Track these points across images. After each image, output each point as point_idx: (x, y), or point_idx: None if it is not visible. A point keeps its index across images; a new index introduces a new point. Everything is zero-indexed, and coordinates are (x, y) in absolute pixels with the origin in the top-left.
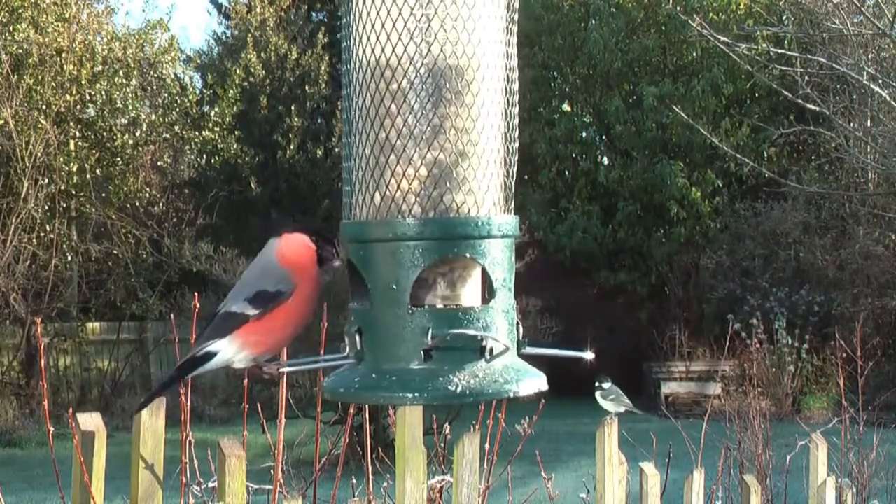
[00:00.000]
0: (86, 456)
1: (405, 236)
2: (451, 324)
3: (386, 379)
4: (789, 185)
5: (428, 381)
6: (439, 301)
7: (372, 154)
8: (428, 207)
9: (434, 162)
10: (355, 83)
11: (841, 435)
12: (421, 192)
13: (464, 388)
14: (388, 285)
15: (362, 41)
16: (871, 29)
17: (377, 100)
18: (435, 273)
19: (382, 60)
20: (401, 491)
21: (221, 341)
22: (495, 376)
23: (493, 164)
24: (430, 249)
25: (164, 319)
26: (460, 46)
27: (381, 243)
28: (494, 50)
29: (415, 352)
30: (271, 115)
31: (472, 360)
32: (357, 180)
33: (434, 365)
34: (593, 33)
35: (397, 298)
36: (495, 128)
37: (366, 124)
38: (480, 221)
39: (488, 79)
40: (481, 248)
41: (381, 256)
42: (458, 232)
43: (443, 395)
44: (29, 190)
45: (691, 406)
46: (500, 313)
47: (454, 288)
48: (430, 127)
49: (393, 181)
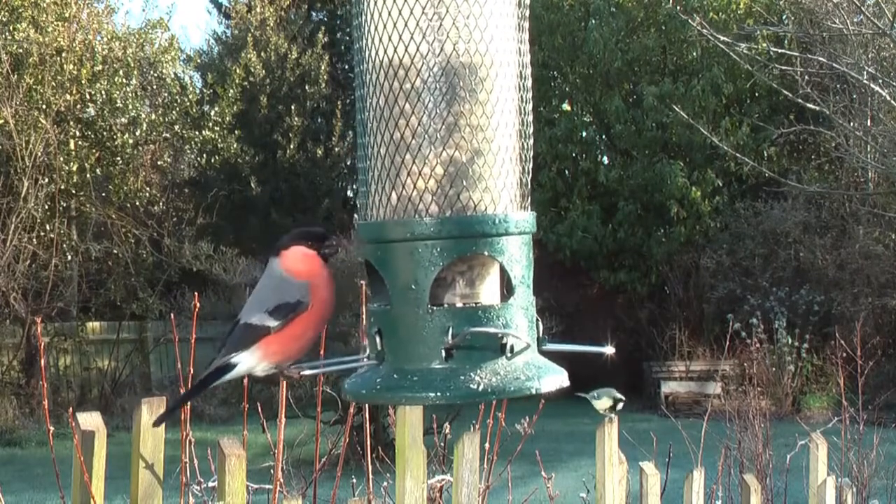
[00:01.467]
0: (86, 455)
1: (423, 235)
2: (471, 322)
3: (408, 379)
4: (789, 184)
5: (450, 380)
6: (459, 300)
7: (387, 154)
8: (445, 206)
9: (450, 160)
10: (368, 84)
11: (841, 434)
12: (437, 191)
13: (486, 386)
14: (407, 285)
15: (375, 41)
16: (871, 28)
17: (391, 100)
18: (454, 272)
19: (395, 60)
20: (401, 491)
21: (243, 353)
22: (517, 373)
23: (508, 161)
24: (448, 248)
25: (164, 319)
26: (473, 44)
27: (398, 243)
28: (507, 47)
29: (435, 351)
30: (271, 114)
31: (493, 358)
32: (373, 181)
33: (455, 364)
34: (593, 33)
35: (417, 298)
36: (510, 125)
37: (380, 125)
38: (497, 219)
39: (502, 76)
40: (499, 245)
41: (400, 256)
42: (476, 230)
43: (465, 394)
44: (29, 189)
45: (691, 405)
46: (520, 310)
47: (473, 286)
48: (445, 125)
49: (409, 181)
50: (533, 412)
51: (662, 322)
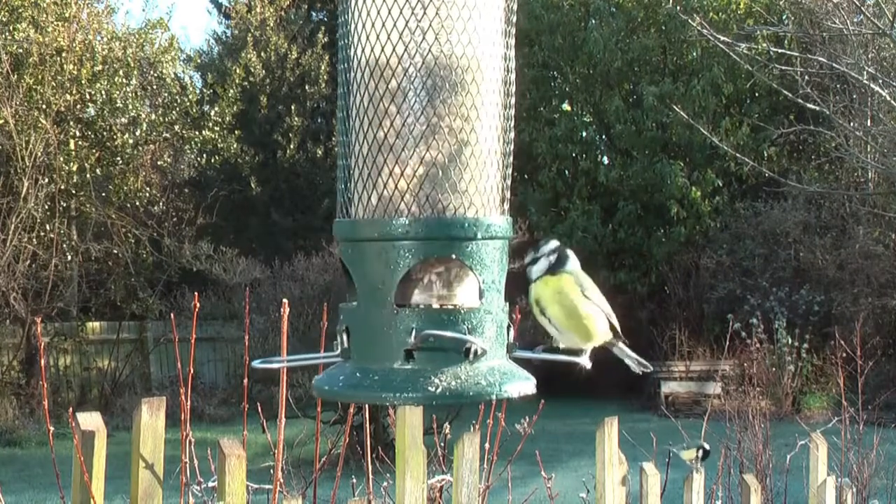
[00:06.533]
0: (86, 455)
1: (392, 236)
2: (435, 325)
3: (368, 378)
4: (789, 184)
5: (409, 382)
6: (435, 300)
7: (369, 153)
8: (419, 208)
9: (429, 162)
10: (351, 82)
11: (841, 434)
12: (416, 192)
13: (444, 388)
14: (374, 285)
15: (359, 40)
16: (871, 28)
17: (375, 99)
18: (431, 272)
19: (380, 60)
20: (401, 490)
21: None
22: (478, 378)
23: (488, 164)
24: (417, 250)
25: (164, 319)
26: (457, 46)
27: (369, 242)
28: (491, 50)
29: (398, 351)
30: (271, 114)
31: (456, 362)
32: (353, 179)
33: (417, 365)
34: (593, 33)
35: (383, 298)
36: (492, 128)
37: (362, 123)
38: (468, 223)
39: (485, 79)
40: (468, 249)
41: (369, 256)
42: (445, 233)
43: (423, 396)
44: (29, 189)
45: (691, 405)
46: (488, 315)
47: (451, 287)
48: (424, 127)
49: (390, 181)
50: (533, 412)
51: (662, 322)
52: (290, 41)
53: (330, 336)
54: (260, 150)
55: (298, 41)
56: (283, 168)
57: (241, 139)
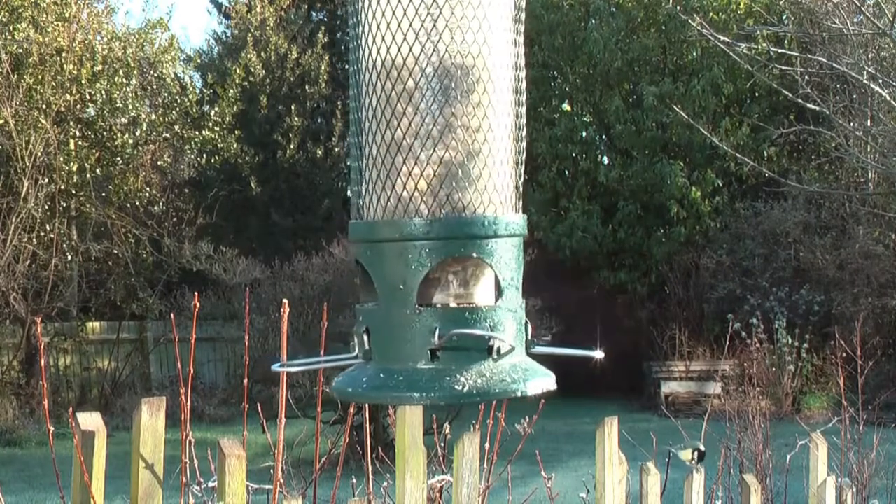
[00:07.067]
0: (86, 456)
1: (411, 236)
2: (458, 324)
3: (393, 379)
4: (789, 184)
5: (435, 381)
6: (452, 300)
7: (387, 154)
8: (437, 207)
9: (443, 161)
10: (363, 84)
11: (841, 434)
12: (430, 192)
13: (470, 387)
14: (395, 285)
15: (373, 42)
16: (871, 28)
17: (387, 100)
18: (448, 272)
19: (391, 61)
20: (401, 491)
21: None
22: (502, 375)
23: (502, 163)
24: (437, 249)
25: (164, 319)
26: (468, 46)
27: (388, 243)
28: (502, 49)
29: (422, 351)
30: (271, 114)
31: (480, 360)
32: (366, 181)
33: (441, 365)
34: (593, 33)
35: (405, 298)
36: (504, 127)
37: (379, 125)
38: (487, 221)
39: (496, 78)
40: (488, 247)
41: (389, 257)
42: (465, 231)
43: (449, 395)
44: (29, 189)
45: (691, 405)
46: (508, 312)
47: (467, 286)
48: (439, 126)
49: (402, 181)
50: (533, 412)
51: (662, 322)
52: (290, 41)
53: (330, 336)
54: (260, 150)
55: (298, 41)
56: (283, 168)
57: (241, 139)
